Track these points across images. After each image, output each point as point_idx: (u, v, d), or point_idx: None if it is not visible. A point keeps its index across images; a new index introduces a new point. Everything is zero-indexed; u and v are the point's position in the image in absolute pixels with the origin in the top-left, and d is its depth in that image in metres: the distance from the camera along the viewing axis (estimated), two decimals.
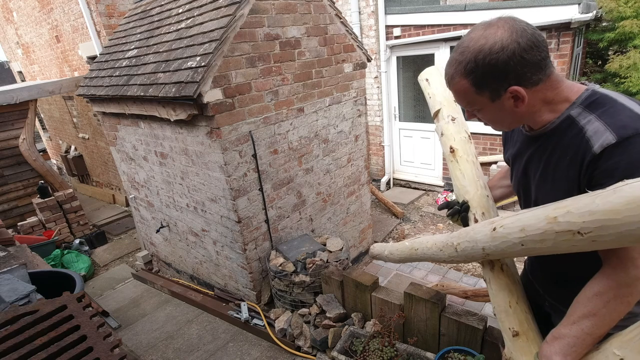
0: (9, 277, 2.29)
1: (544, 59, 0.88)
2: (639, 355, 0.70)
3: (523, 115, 0.98)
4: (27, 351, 1.54)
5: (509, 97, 0.92)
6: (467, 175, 1.39)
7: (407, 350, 2.02)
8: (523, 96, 0.90)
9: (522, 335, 1.14)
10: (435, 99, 1.53)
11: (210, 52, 2.39)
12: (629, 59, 4.13)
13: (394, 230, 4.79)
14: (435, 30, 4.91)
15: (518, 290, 1.23)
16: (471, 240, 1.20)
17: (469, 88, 0.95)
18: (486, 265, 1.29)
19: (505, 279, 1.24)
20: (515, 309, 1.20)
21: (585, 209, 0.75)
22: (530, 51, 0.85)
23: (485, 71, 0.89)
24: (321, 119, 3.33)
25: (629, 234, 0.67)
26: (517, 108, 0.94)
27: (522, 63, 0.86)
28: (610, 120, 0.84)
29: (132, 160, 3.79)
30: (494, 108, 0.97)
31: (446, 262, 1.44)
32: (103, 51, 3.92)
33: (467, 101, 1.00)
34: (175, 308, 3.50)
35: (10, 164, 5.83)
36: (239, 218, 2.79)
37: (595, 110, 0.88)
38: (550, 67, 0.90)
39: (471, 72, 0.91)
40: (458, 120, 1.47)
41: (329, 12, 3.16)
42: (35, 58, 7.76)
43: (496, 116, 1.00)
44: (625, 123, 0.82)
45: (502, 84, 0.90)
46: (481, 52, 0.88)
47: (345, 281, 2.46)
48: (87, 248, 5.49)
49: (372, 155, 6.21)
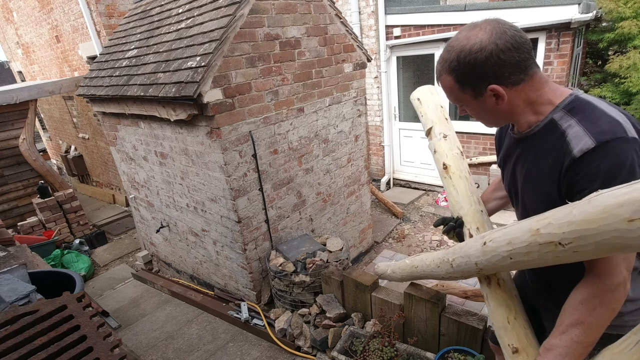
0: (9, 277, 2.29)
1: (524, 60, 0.91)
2: None
3: (506, 114, 1.01)
4: (27, 351, 1.54)
5: (489, 94, 0.96)
6: (460, 191, 1.43)
7: (407, 350, 2.02)
8: (502, 95, 0.94)
9: (522, 352, 1.14)
10: (427, 117, 1.59)
11: (210, 52, 2.39)
12: (628, 59, 4.13)
13: (394, 230, 4.79)
14: (435, 30, 4.91)
15: (516, 305, 1.24)
16: (464, 255, 1.22)
17: (454, 85, 1.00)
18: (483, 281, 1.31)
19: (502, 294, 1.25)
20: (513, 325, 1.20)
21: (564, 219, 0.76)
22: (508, 52, 0.89)
23: (466, 70, 0.94)
24: (321, 119, 3.33)
25: (605, 243, 0.69)
26: (498, 106, 0.98)
27: (499, 63, 0.90)
28: (590, 126, 0.86)
29: (132, 160, 3.79)
30: (477, 105, 1.01)
31: (444, 278, 1.48)
32: (103, 51, 3.92)
33: (454, 97, 1.04)
34: (175, 308, 3.50)
35: (10, 164, 5.83)
36: (239, 218, 2.79)
37: (576, 115, 0.90)
38: (532, 69, 0.93)
39: (454, 70, 0.97)
40: (450, 138, 1.52)
41: (329, 12, 3.16)
42: (35, 58, 7.76)
43: (481, 113, 1.05)
44: (604, 129, 0.84)
45: (482, 82, 0.94)
46: (462, 52, 0.93)
47: (345, 281, 2.47)
48: (87, 248, 5.49)
49: (372, 155, 6.21)
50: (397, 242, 4.54)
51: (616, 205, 0.65)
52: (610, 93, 4.49)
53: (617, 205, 0.64)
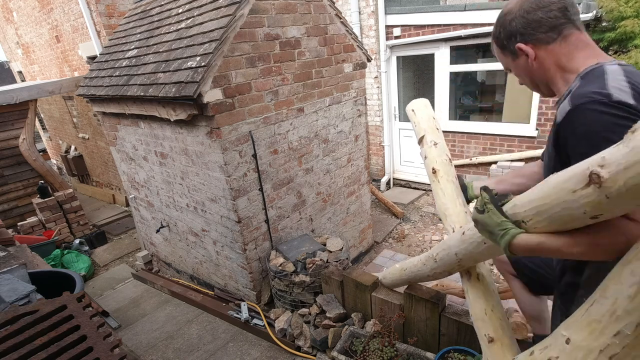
0: (9, 277, 2.29)
1: (552, 18, 0.95)
2: (580, 332, 0.79)
3: (540, 76, 1.04)
4: (27, 351, 1.54)
5: (521, 54, 1.03)
6: (447, 194, 1.55)
7: (407, 350, 2.02)
8: (530, 53, 1.00)
9: (497, 342, 1.24)
10: (420, 126, 1.73)
11: (210, 52, 2.39)
12: (630, 59, 4.13)
13: (394, 230, 4.79)
14: (435, 30, 4.90)
15: (493, 298, 1.33)
16: (446, 247, 1.35)
17: (498, 50, 1.11)
18: (464, 275, 1.41)
19: (481, 288, 1.36)
20: (490, 317, 1.29)
21: (526, 199, 0.86)
22: (533, 12, 0.97)
23: (500, 33, 1.06)
24: (321, 119, 3.33)
25: (556, 216, 0.78)
26: (531, 67, 1.03)
27: (524, 22, 0.99)
28: (578, 90, 0.88)
29: (132, 160, 3.80)
30: (516, 66, 1.09)
31: (430, 277, 1.60)
32: (103, 51, 3.92)
33: (503, 63, 1.13)
34: (175, 308, 3.50)
35: (10, 164, 5.83)
36: (239, 218, 2.79)
37: (582, 81, 0.91)
38: (566, 30, 0.96)
39: (495, 36, 1.10)
40: (439, 145, 1.66)
41: (329, 12, 3.16)
42: (35, 58, 7.76)
43: (521, 75, 1.11)
44: (585, 92, 0.85)
45: (511, 41, 1.04)
46: (499, 19, 1.07)
47: (345, 281, 2.46)
48: (87, 248, 5.49)
49: (372, 155, 6.21)
50: (397, 242, 4.54)
51: (563, 180, 0.74)
52: None
53: (564, 180, 0.73)
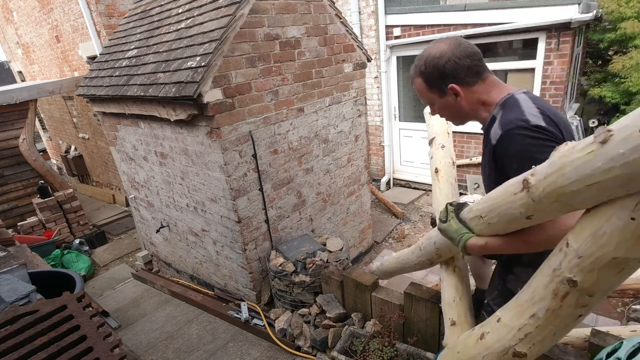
0: (9, 277, 2.29)
1: (476, 66, 1.16)
2: (508, 313, 0.99)
3: (467, 111, 1.23)
4: (27, 351, 1.54)
5: (450, 93, 1.19)
6: (444, 193, 1.68)
7: (407, 350, 2.02)
8: (460, 93, 1.18)
9: (458, 326, 1.41)
10: (433, 129, 1.88)
11: (210, 52, 2.39)
12: (631, 59, 4.13)
13: (394, 230, 4.79)
14: (435, 30, 4.91)
15: (463, 289, 1.51)
16: (429, 237, 1.55)
17: (423, 85, 1.24)
18: (443, 265, 1.59)
19: (455, 278, 1.55)
20: (457, 304, 1.47)
21: (485, 198, 1.04)
22: (463, 59, 1.14)
23: (430, 72, 1.19)
24: (321, 119, 3.33)
25: (503, 213, 0.94)
26: (459, 103, 1.21)
27: (456, 67, 1.15)
28: (503, 119, 1.09)
29: (132, 160, 3.79)
30: (443, 103, 1.24)
31: (417, 265, 1.76)
32: (103, 51, 3.92)
33: (425, 97, 1.27)
34: (175, 308, 3.50)
35: (10, 164, 5.83)
36: (239, 218, 2.79)
37: (503, 110, 1.13)
38: (484, 74, 1.18)
39: (422, 73, 1.22)
40: (446, 148, 1.77)
41: (329, 12, 3.16)
42: (35, 58, 7.76)
43: (446, 110, 1.27)
44: (511, 120, 1.06)
45: (444, 81, 1.18)
46: (428, 58, 1.19)
47: (345, 281, 2.46)
48: (87, 248, 5.49)
49: (372, 155, 6.21)
50: (397, 242, 4.54)
51: (510, 185, 0.91)
52: (610, 92, 4.49)
53: (511, 184, 0.90)
